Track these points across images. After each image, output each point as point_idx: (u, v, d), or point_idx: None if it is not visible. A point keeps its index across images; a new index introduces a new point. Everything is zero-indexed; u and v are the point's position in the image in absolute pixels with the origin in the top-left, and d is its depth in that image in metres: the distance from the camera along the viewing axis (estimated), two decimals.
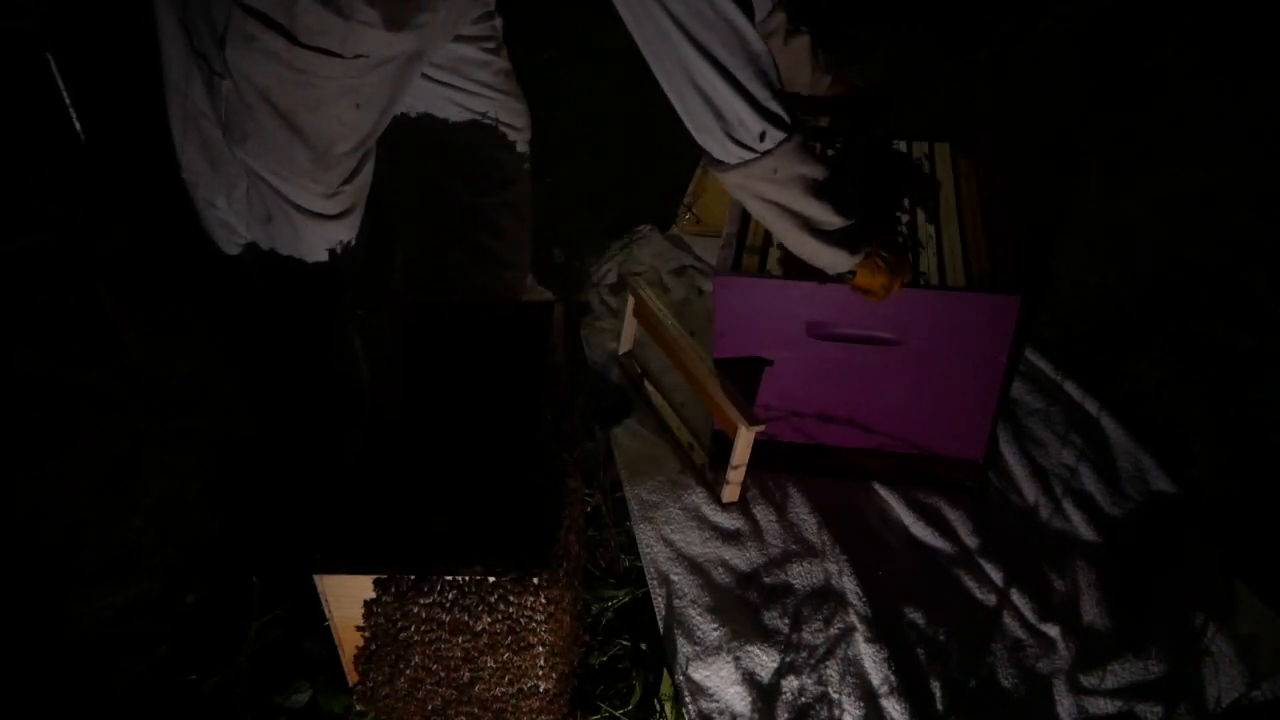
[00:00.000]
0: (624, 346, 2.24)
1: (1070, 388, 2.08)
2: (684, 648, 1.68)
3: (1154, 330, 2.20)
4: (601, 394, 2.17)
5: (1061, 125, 2.82)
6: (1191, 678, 1.61)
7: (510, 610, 1.43)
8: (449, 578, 1.43)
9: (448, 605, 1.43)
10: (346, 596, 1.46)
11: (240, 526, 1.93)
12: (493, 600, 1.43)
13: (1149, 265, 2.36)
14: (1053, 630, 1.69)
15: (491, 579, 1.42)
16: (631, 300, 2.16)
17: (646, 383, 2.14)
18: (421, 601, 1.43)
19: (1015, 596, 1.73)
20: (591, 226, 2.62)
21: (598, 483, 1.93)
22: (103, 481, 2.02)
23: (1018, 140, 2.63)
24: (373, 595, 1.45)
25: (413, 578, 1.43)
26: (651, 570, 1.80)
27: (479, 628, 1.44)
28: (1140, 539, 1.82)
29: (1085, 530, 1.83)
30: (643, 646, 1.72)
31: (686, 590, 1.76)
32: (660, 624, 1.73)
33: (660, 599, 1.76)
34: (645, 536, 1.86)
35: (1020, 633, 1.69)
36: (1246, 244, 2.38)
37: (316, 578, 1.46)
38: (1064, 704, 1.60)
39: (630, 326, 2.22)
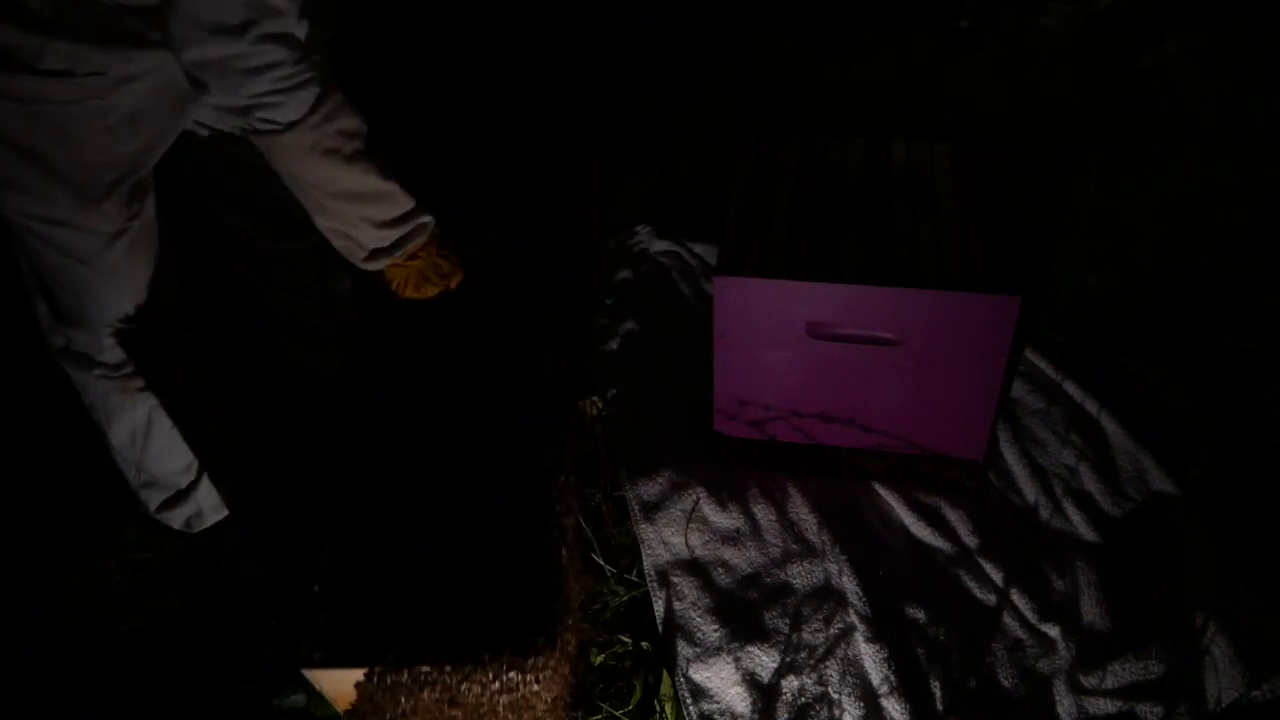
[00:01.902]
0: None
1: (1070, 388, 2.08)
2: (684, 649, 1.68)
3: (1154, 330, 2.19)
4: (600, 394, 2.16)
5: (1061, 125, 2.82)
6: (1191, 678, 1.61)
7: (508, 680, 1.42)
8: (445, 665, 1.41)
9: (443, 687, 1.42)
10: (340, 681, 1.45)
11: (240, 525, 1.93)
12: (489, 676, 1.41)
13: (1149, 265, 2.36)
14: (1053, 630, 1.68)
15: (488, 656, 1.41)
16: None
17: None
18: (416, 688, 1.41)
19: (1015, 596, 1.73)
20: (591, 226, 2.62)
21: (598, 483, 1.93)
22: (103, 481, 2.02)
23: (1018, 140, 2.63)
24: (364, 680, 1.43)
25: (406, 671, 1.41)
26: (651, 571, 1.80)
27: (479, 700, 1.43)
28: (1140, 539, 1.81)
29: (1085, 530, 1.83)
30: (644, 646, 1.72)
31: (687, 591, 1.76)
32: (660, 625, 1.73)
33: (660, 600, 1.76)
34: (646, 537, 1.85)
35: (1020, 633, 1.69)
36: (1246, 244, 2.38)
37: (306, 672, 1.44)
38: (1064, 704, 1.60)
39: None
